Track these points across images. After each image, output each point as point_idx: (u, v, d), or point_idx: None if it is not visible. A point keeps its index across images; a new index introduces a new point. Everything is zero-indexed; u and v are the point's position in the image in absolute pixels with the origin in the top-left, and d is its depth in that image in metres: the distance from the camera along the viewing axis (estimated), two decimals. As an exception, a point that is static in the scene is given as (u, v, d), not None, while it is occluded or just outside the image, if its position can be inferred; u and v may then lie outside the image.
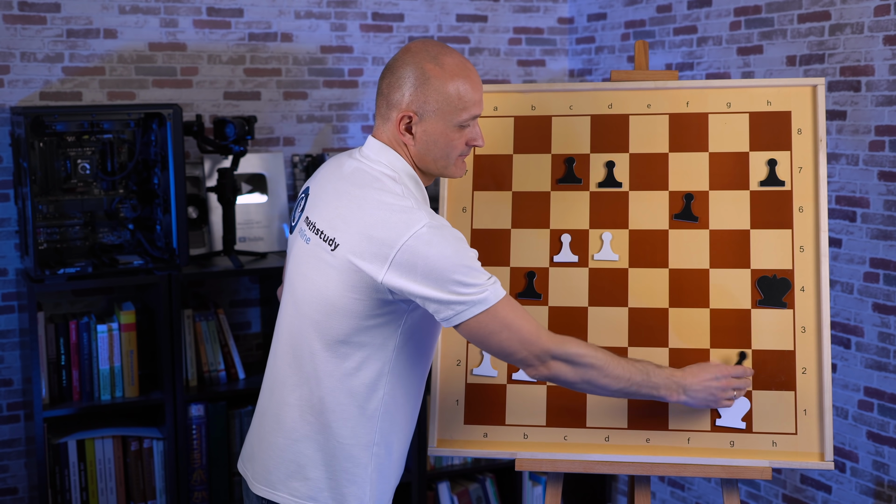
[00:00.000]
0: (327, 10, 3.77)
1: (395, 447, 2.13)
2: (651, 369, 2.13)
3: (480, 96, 2.07)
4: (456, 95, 2.02)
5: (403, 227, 1.95)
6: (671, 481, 3.77)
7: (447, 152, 2.07)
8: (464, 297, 1.95)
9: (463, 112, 2.04)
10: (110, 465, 3.33)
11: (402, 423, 2.13)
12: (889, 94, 2.95)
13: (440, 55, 2.04)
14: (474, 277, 1.96)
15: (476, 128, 2.09)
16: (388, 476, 2.14)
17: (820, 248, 2.33)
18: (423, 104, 2.02)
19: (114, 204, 3.31)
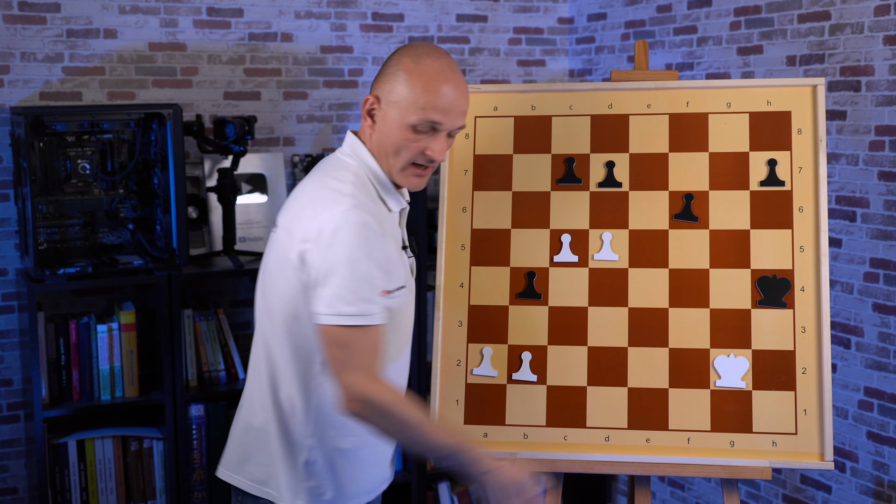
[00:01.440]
0: (327, 10, 3.77)
1: (339, 446, 2.07)
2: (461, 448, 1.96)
3: (445, 105, 1.98)
4: (418, 93, 1.97)
5: (324, 207, 1.96)
6: (671, 481, 3.77)
7: (397, 150, 2.01)
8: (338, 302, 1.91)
9: (418, 112, 1.97)
10: (110, 465, 3.33)
11: (340, 422, 2.06)
12: (889, 94, 2.95)
13: (424, 56, 2.01)
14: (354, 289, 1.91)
15: (439, 140, 2.01)
16: (331, 475, 2.09)
17: (820, 248, 2.33)
18: (389, 93, 2.00)
19: (114, 204, 3.30)
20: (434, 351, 2.41)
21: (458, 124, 2.02)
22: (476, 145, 2.50)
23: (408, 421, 1.93)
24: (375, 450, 2.14)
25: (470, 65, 4.00)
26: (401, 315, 2.09)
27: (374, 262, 1.94)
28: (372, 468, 2.16)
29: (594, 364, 2.37)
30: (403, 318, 2.11)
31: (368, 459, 2.14)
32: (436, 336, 2.41)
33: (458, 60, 3.98)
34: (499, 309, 2.42)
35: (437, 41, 3.93)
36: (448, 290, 2.44)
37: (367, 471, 2.15)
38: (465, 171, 2.49)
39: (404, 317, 2.11)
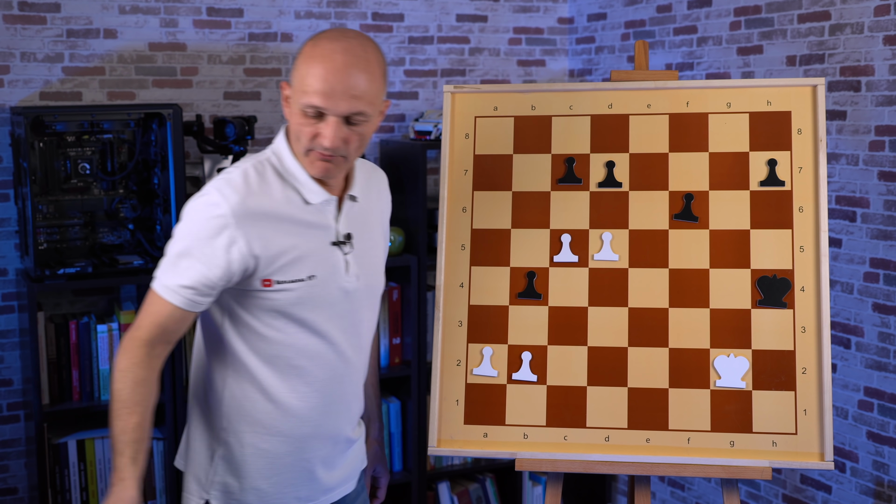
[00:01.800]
0: (327, 10, 3.77)
1: (251, 443, 2.05)
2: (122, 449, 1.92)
3: (327, 88, 1.89)
4: (304, 76, 1.91)
5: (207, 185, 1.99)
6: (671, 481, 3.77)
7: (297, 136, 1.96)
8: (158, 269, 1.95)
9: (303, 96, 1.91)
10: (110, 465, 3.33)
11: (257, 419, 2.04)
12: (889, 94, 2.95)
13: (324, 39, 1.94)
14: (171, 262, 1.93)
15: (328, 125, 1.91)
16: (245, 475, 2.06)
17: (820, 248, 2.33)
18: (293, 77, 1.96)
19: (114, 204, 3.30)
20: (434, 351, 2.41)
21: (347, 110, 1.90)
22: (476, 145, 2.50)
23: (112, 399, 1.93)
24: (303, 456, 2.08)
25: (470, 65, 4.00)
26: (310, 309, 2.01)
27: (204, 244, 1.92)
28: (301, 475, 2.10)
29: (594, 364, 2.37)
30: (316, 314, 2.03)
31: (295, 466, 2.08)
32: (436, 336, 2.41)
33: (458, 60, 3.98)
34: (499, 309, 2.42)
35: (437, 41, 3.93)
36: (448, 290, 2.44)
37: (295, 478, 2.09)
38: (465, 171, 2.49)
39: (318, 312, 2.03)
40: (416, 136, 3.73)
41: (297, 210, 1.99)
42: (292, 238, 1.98)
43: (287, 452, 2.06)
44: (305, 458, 2.08)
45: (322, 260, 2.02)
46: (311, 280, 2.00)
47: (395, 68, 3.88)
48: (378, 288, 2.18)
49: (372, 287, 2.14)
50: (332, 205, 2.04)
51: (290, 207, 1.99)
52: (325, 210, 2.03)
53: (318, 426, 2.08)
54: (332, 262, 2.03)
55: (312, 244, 2.01)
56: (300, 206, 2.00)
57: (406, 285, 3.65)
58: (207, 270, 1.92)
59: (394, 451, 3.71)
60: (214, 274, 1.92)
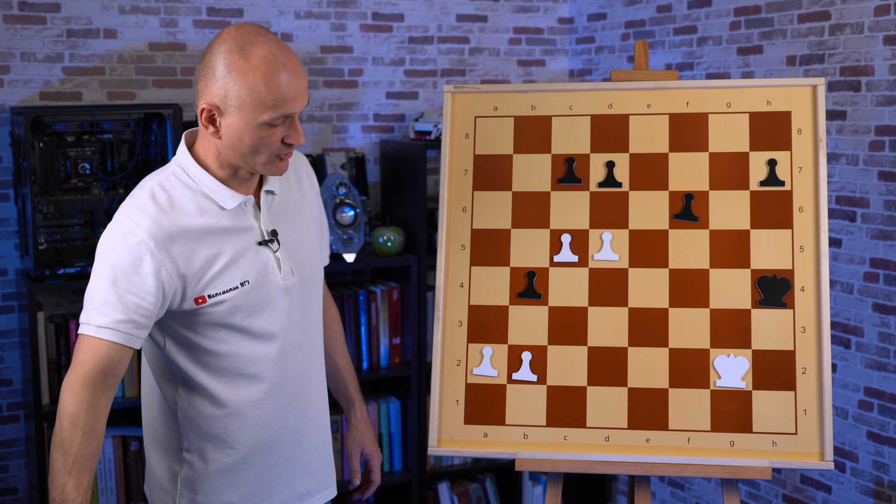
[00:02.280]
0: (327, 10, 3.77)
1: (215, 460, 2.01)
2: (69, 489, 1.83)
3: (294, 93, 1.86)
4: (259, 91, 1.83)
5: (117, 213, 1.93)
6: (671, 481, 3.77)
7: (257, 149, 1.89)
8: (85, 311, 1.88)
9: (269, 111, 1.85)
10: (110, 465, 3.33)
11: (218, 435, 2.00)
12: (889, 94, 2.95)
13: (248, 45, 1.84)
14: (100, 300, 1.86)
15: (295, 126, 1.89)
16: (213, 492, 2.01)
17: (820, 248, 2.33)
18: (224, 98, 1.85)
19: (114, 204, 3.31)
20: (434, 351, 2.41)
21: (305, 103, 1.90)
22: (476, 145, 2.50)
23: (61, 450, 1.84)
24: (269, 462, 2.05)
25: (470, 65, 4.00)
26: (249, 316, 1.98)
27: (123, 280, 1.85)
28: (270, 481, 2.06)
29: (594, 364, 2.37)
30: (258, 319, 1.99)
31: (262, 474, 2.05)
32: (436, 336, 2.41)
33: (458, 60, 3.98)
34: (499, 309, 2.42)
35: (437, 41, 3.93)
36: (448, 290, 2.43)
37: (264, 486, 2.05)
38: (465, 171, 2.49)
39: (259, 317, 1.99)
40: (416, 136, 3.73)
41: (215, 219, 1.94)
42: (215, 248, 1.93)
43: (252, 462, 2.03)
44: (272, 464, 2.05)
45: (251, 263, 1.97)
46: (245, 286, 1.96)
47: (395, 68, 3.88)
48: (317, 278, 2.12)
49: (309, 279, 2.09)
50: (250, 205, 1.99)
51: (206, 218, 1.93)
52: (244, 212, 1.98)
53: (279, 430, 2.04)
54: (263, 262, 1.99)
55: (238, 250, 1.96)
56: (217, 213, 1.95)
57: (406, 285, 3.65)
58: (140, 300, 1.86)
59: (394, 451, 3.71)
60: (148, 302, 1.87)
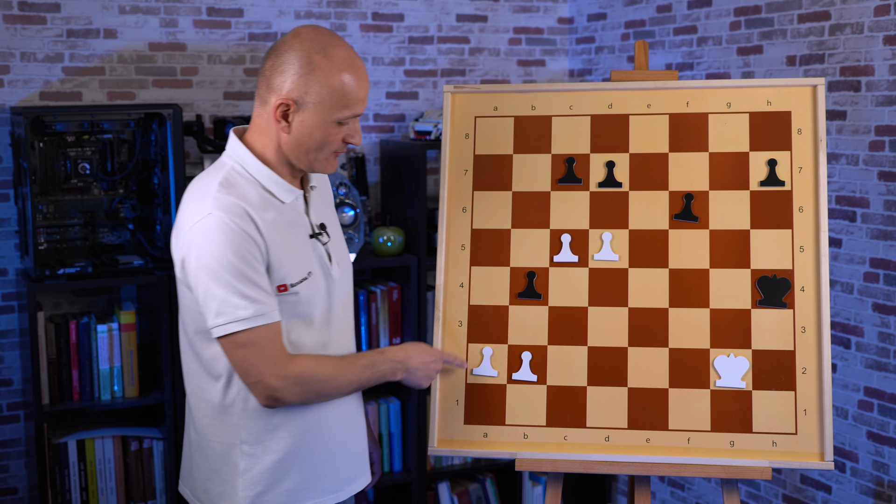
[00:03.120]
0: (327, 10, 3.77)
1: (276, 448, 2.04)
2: (377, 360, 2.10)
3: (365, 94, 2.01)
4: (340, 90, 1.95)
5: (189, 216, 1.94)
6: (671, 481, 3.77)
7: (322, 146, 1.99)
8: (224, 310, 1.91)
9: (344, 109, 1.97)
10: (110, 465, 3.33)
11: (278, 423, 2.04)
12: (889, 94, 2.95)
13: (329, 47, 1.96)
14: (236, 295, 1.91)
15: (355, 125, 2.02)
16: (274, 480, 2.05)
17: (820, 248, 2.33)
18: (305, 94, 1.95)
19: (114, 204, 3.31)
20: (434, 351, 2.41)
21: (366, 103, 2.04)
22: (476, 145, 2.50)
23: (327, 379, 2.01)
24: (323, 447, 2.09)
25: (470, 65, 4.00)
26: (313, 305, 2.04)
27: (245, 263, 1.91)
28: (323, 466, 2.10)
29: (594, 364, 2.37)
30: (317, 309, 2.06)
31: (317, 458, 2.09)
32: (436, 336, 2.41)
33: (458, 60, 3.98)
34: (499, 309, 2.42)
35: (437, 41, 3.93)
36: (448, 290, 2.44)
37: (318, 471, 2.09)
38: (465, 171, 2.49)
39: (318, 307, 2.06)
40: (416, 136, 3.73)
41: (277, 211, 2.00)
42: (284, 239, 1.99)
43: (309, 447, 2.07)
44: (323, 449, 2.09)
45: (311, 255, 2.04)
46: (310, 277, 2.02)
47: (395, 68, 3.88)
48: (350, 269, 2.20)
49: (348, 269, 2.18)
50: (300, 199, 2.07)
51: (271, 211, 1.99)
52: (296, 206, 2.05)
53: (333, 413, 2.10)
54: (318, 254, 2.06)
55: (299, 242, 2.03)
56: (278, 207, 2.01)
57: (406, 285, 3.65)
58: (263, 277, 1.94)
59: (394, 451, 3.71)
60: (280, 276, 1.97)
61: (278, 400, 1.97)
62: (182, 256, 1.96)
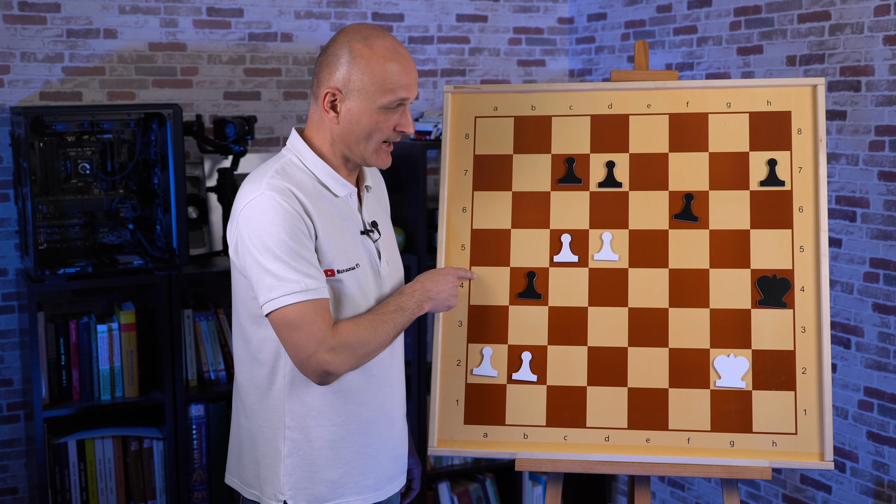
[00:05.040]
0: (327, 10, 3.77)
1: (318, 436, 2.08)
2: (402, 302, 2.12)
3: (410, 81, 2.05)
4: (381, 76, 2.02)
5: (244, 197, 2.01)
6: (671, 481, 3.77)
7: (370, 134, 2.05)
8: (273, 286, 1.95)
9: (388, 94, 2.03)
10: (110, 465, 3.33)
11: (321, 410, 2.08)
12: (889, 94, 2.95)
13: (371, 37, 2.04)
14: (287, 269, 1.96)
15: (407, 114, 2.08)
16: (316, 469, 2.08)
17: (820, 248, 2.33)
18: (348, 82, 2.03)
19: (114, 204, 3.31)
20: (434, 351, 2.42)
21: (417, 94, 2.10)
22: (476, 145, 2.50)
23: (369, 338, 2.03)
24: (366, 442, 2.12)
25: (470, 65, 4.00)
26: (358, 298, 2.09)
27: (295, 240, 1.96)
28: (366, 461, 2.13)
29: (594, 364, 2.37)
30: (364, 302, 2.11)
31: (360, 453, 2.12)
32: (436, 336, 2.42)
33: (458, 60, 3.98)
34: (499, 309, 2.42)
35: (437, 41, 3.93)
36: (448, 290, 2.44)
37: (361, 465, 2.13)
38: (465, 171, 2.49)
39: (365, 299, 2.11)
40: (416, 136, 3.73)
41: (330, 204, 2.07)
42: (335, 229, 2.06)
43: (351, 439, 2.10)
44: (368, 444, 2.12)
45: (359, 249, 2.10)
46: (358, 269, 2.08)
47: (395, 68, 3.88)
48: (401, 271, 2.26)
49: (399, 271, 2.24)
50: (354, 196, 2.14)
51: (323, 202, 2.06)
52: (349, 202, 2.12)
53: (375, 410, 2.13)
54: (367, 250, 2.13)
55: (349, 234, 2.09)
56: (331, 199, 2.08)
57: (406, 285, 3.64)
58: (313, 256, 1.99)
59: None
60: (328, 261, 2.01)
61: (330, 374, 1.99)
62: (235, 238, 2.02)
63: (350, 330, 2.01)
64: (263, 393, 2.09)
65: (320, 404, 2.08)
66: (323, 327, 1.97)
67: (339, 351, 1.98)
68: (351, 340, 2.00)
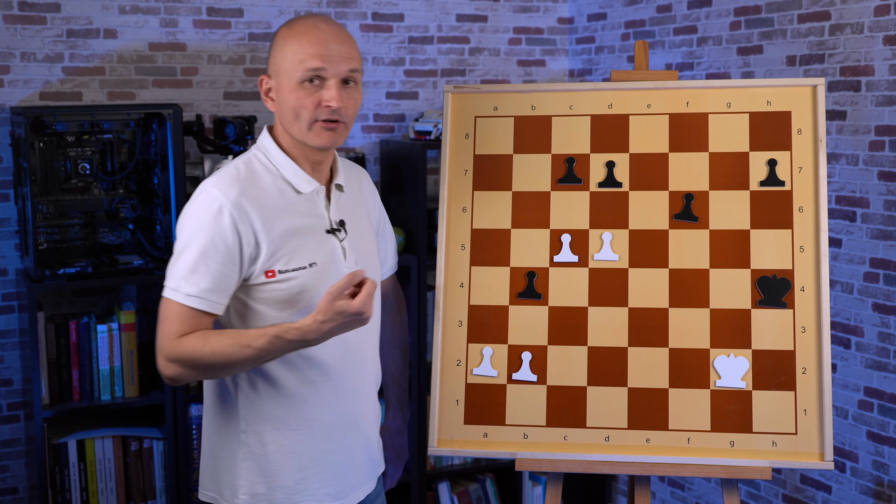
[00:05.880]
0: (327, 10, 3.77)
1: (273, 441, 2.04)
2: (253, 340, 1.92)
3: (321, 51, 1.97)
4: (292, 50, 1.99)
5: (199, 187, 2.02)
6: (671, 481, 3.77)
7: (297, 113, 2.00)
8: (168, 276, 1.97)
9: (299, 67, 1.97)
10: (110, 465, 3.33)
11: (276, 415, 2.04)
12: (889, 94, 2.95)
13: (298, 20, 2.03)
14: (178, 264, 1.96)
15: (331, 88, 1.98)
16: (271, 474, 2.05)
17: (820, 248, 2.33)
18: (273, 66, 2.03)
19: (114, 204, 3.30)
20: (434, 351, 2.42)
21: (345, 68, 1.99)
22: (476, 145, 2.50)
23: (214, 358, 1.93)
24: (326, 448, 2.08)
25: (470, 65, 4.00)
26: (314, 297, 2.01)
27: (205, 253, 1.94)
28: (327, 468, 2.08)
29: (594, 364, 2.37)
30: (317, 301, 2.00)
31: (319, 459, 2.07)
32: (436, 336, 2.42)
33: (458, 60, 3.98)
34: (499, 309, 2.42)
35: (437, 41, 3.93)
36: (448, 290, 2.44)
37: (320, 472, 2.08)
38: (465, 171, 2.49)
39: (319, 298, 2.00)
40: (416, 136, 3.73)
41: (290, 201, 2.04)
42: (289, 226, 2.02)
43: (310, 445, 2.07)
44: (329, 450, 2.08)
45: (320, 248, 2.05)
46: (313, 268, 2.03)
47: (395, 68, 3.88)
48: (375, 276, 2.18)
49: (371, 274, 2.13)
50: (321, 194, 2.09)
51: (283, 199, 2.03)
52: (315, 199, 2.08)
53: (336, 416, 2.08)
54: (330, 249, 2.07)
55: (309, 233, 2.04)
56: (293, 196, 2.05)
57: (406, 285, 3.65)
58: (225, 269, 1.96)
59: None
60: (232, 270, 1.96)
61: (167, 378, 1.98)
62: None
63: (193, 346, 1.93)
64: (220, 396, 2.08)
65: (275, 409, 2.04)
66: (170, 332, 1.94)
67: (174, 362, 1.95)
68: (187, 358, 1.94)
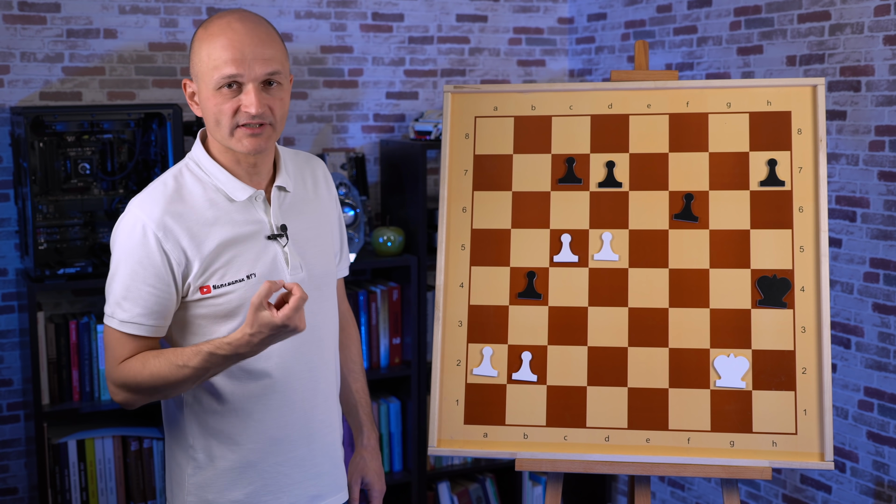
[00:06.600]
0: (327, 10, 3.77)
1: (221, 456, 2.00)
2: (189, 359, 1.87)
3: (235, 56, 1.86)
4: (206, 55, 1.88)
5: (128, 205, 1.99)
6: (671, 481, 3.77)
7: (217, 119, 1.90)
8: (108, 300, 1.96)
9: (213, 73, 1.87)
10: (110, 465, 3.33)
11: (223, 431, 2.00)
12: (889, 94, 2.95)
13: (214, 20, 1.91)
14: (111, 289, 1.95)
15: (249, 93, 1.87)
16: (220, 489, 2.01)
17: (820, 248, 2.33)
18: (192, 69, 1.93)
19: (114, 204, 3.31)
20: (434, 351, 2.42)
21: (263, 72, 1.88)
22: (476, 145, 2.50)
23: (157, 375, 1.89)
24: (276, 461, 2.03)
25: (470, 65, 4.00)
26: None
27: (133, 275, 1.92)
28: (278, 481, 2.04)
29: (594, 364, 2.37)
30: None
31: (269, 472, 2.03)
32: (436, 336, 2.42)
33: (458, 60, 3.98)
34: (499, 309, 2.42)
35: (437, 41, 3.93)
36: (448, 290, 2.44)
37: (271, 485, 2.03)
38: (465, 171, 2.49)
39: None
40: (416, 136, 3.73)
41: (224, 211, 1.95)
42: (223, 239, 1.93)
43: (258, 459, 2.01)
44: (279, 463, 2.03)
45: (259, 257, 1.96)
46: (251, 279, 1.95)
47: (395, 68, 3.88)
48: (328, 276, 2.09)
49: (319, 276, 2.06)
50: (260, 199, 1.99)
51: (215, 210, 1.94)
52: (253, 206, 1.98)
53: (284, 428, 2.02)
54: (271, 257, 1.98)
55: (246, 243, 1.96)
56: (226, 206, 1.96)
57: (406, 285, 3.65)
58: (158, 291, 1.92)
59: (394, 451, 3.71)
60: (165, 291, 1.92)
61: (119, 403, 1.98)
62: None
63: (133, 370, 1.92)
64: (172, 411, 2.05)
65: (221, 424, 1.99)
66: (113, 358, 1.95)
67: (120, 388, 1.95)
68: (130, 381, 1.93)
